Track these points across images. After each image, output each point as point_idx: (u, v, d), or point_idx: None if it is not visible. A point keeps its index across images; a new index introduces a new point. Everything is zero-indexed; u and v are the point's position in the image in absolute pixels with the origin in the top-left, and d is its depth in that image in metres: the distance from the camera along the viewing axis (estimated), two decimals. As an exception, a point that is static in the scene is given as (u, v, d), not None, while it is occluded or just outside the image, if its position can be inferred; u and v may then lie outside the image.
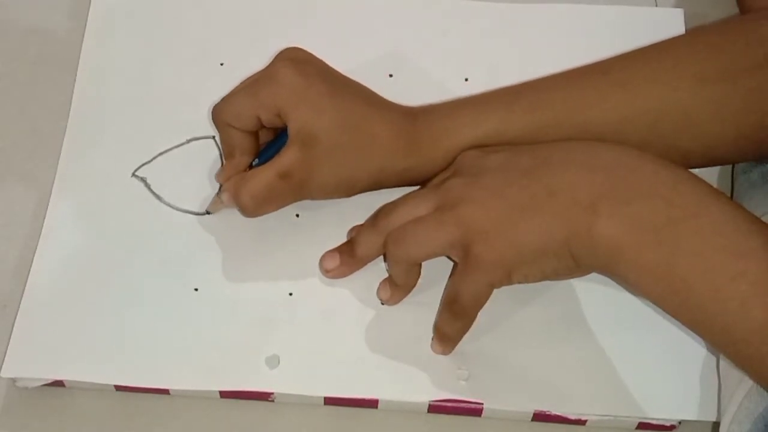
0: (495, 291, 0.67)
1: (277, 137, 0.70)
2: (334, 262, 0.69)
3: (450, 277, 0.67)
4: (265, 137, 0.71)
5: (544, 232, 0.61)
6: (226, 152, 0.70)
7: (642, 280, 0.59)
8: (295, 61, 0.68)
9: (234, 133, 0.69)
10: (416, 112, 0.70)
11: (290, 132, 0.67)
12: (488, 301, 0.68)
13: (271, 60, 0.69)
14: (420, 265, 0.67)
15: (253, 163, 0.70)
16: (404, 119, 0.69)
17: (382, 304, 0.69)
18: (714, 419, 0.65)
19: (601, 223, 0.59)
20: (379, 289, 0.69)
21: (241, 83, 0.69)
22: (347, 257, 0.69)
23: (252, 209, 0.68)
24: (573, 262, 0.61)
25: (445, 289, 0.67)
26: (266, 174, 0.67)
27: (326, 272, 0.69)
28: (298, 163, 0.67)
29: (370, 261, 0.69)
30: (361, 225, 0.69)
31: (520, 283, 0.63)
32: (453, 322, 0.65)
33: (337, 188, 0.69)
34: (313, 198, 0.70)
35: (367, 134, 0.68)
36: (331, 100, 0.67)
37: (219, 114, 0.69)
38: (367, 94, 0.70)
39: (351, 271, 0.69)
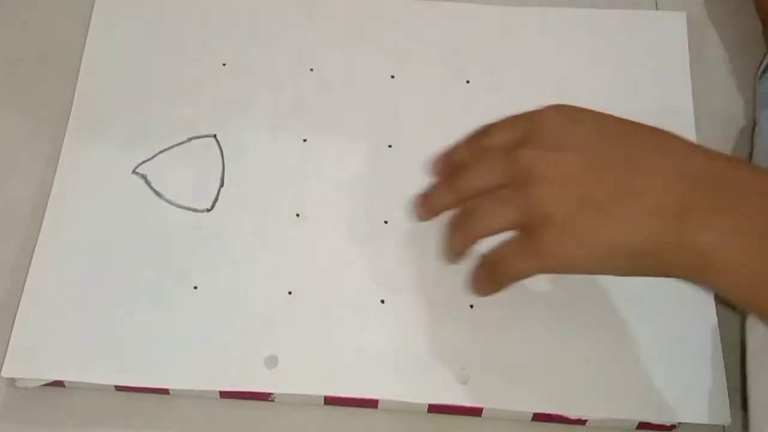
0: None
1: None
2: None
3: (503, 240, 0.62)
4: None
5: (620, 232, 0.58)
6: None
7: (735, 284, 0.57)
8: None
9: None
10: None
11: None
12: (489, 301, 0.68)
13: None
14: None
15: None
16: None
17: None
18: (721, 423, 0.65)
19: (690, 232, 0.56)
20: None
21: None
22: (420, 207, 0.67)
23: None
24: (645, 266, 0.58)
25: (492, 247, 0.63)
26: None
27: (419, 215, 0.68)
28: None
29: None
30: (438, 179, 0.66)
31: (571, 274, 0.61)
32: (486, 283, 0.63)
33: None
34: None
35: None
36: None
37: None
38: None
39: (428, 219, 0.67)
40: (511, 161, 0.61)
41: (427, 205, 0.67)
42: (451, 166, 0.66)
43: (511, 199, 0.60)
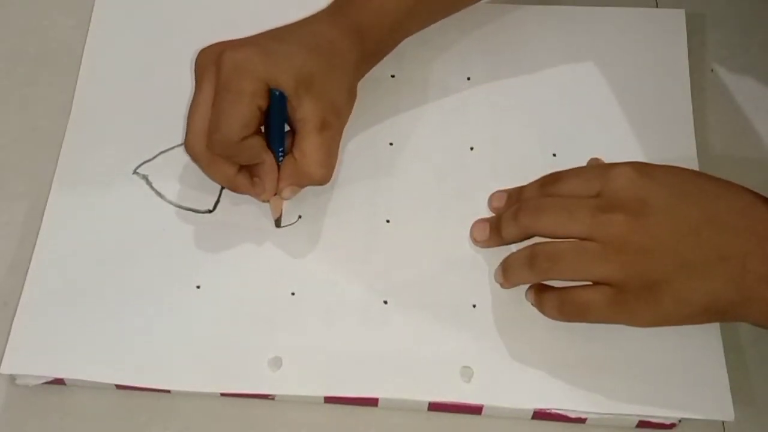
0: (496, 289, 0.69)
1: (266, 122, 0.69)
2: (482, 235, 0.70)
3: (584, 285, 0.65)
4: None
5: (712, 294, 0.62)
6: (255, 161, 0.69)
7: None
8: (228, 49, 0.67)
9: (251, 140, 0.68)
10: (334, 4, 0.73)
11: (289, 90, 0.67)
12: (489, 301, 0.68)
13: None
14: None
15: (280, 151, 0.69)
16: (332, 16, 0.72)
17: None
18: (725, 419, 0.65)
19: None
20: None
21: (196, 114, 0.68)
22: (494, 235, 0.69)
23: (328, 174, 0.69)
24: (731, 319, 0.65)
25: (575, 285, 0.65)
26: (312, 139, 0.67)
27: (474, 242, 0.70)
28: (320, 105, 0.67)
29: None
30: (508, 209, 0.68)
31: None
32: (554, 311, 0.66)
33: (350, 93, 0.71)
34: (346, 119, 0.71)
35: (325, 42, 0.69)
36: (284, 43, 0.68)
37: (225, 137, 0.66)
38: (288, 27, 0.71)
39: (496, 246, 0.70)
40: (600, 224, 0.63)
41: (493, 234, 0.69)
42: (516, 203, 0.69)
43: (608, 259, 0.63)
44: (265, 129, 0.69)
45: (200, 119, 0.67)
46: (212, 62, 0.67)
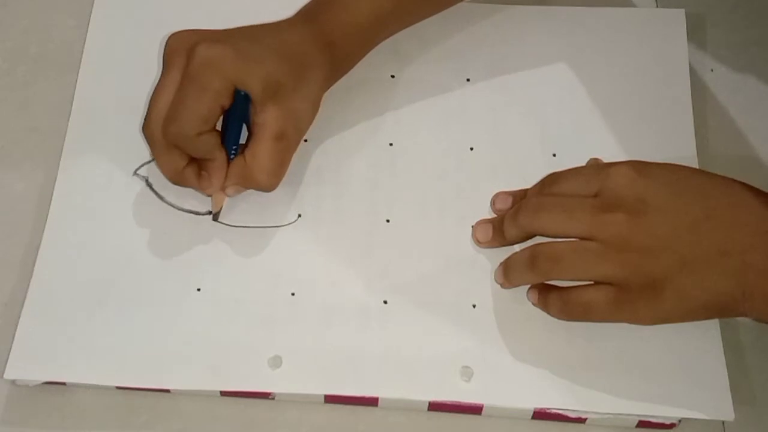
0: (497, 289, 0.69)
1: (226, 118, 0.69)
2: (485, 236, 0.70)
3: (586, 284, 0.65)
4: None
5: (713, 290, 0.62)
6: (207, 156, 0.69)
7: None
8: (202, 42, 0.67)
9: (207, 136, 0.68)
10: (308, 12, 0.73)
11: (256, 95, 0.67)
12: (490, 299, 0.68)
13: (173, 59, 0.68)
14: None
15: (233, 149, 0.69)
16: (306, 25, 0.71)
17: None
18: (725, 418, 0.65)
19: None
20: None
21: (159, 99, 0.68)
22: (497, 236, 0.69)
23: (275, 183, 0.69)
24: (732, 314, 0.64)
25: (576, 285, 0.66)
26: (266, 146, 0.68)
27: (477, 242, 0.70)
28: (282, 115, 0.68)
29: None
30: (511, 209, 0.69)
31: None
32: (558, 311, 0.66)
33: (314, 106, 0.71)
34: (304, 132, 0.71)
35: (298, 52, 0.69)
36: (258, 46, 0.68)
37: (182, 129, 0.67)
38: (263, 29, 0.71)
39: (499, 247, 0.70)
40: (600, 223, 0.63)
41: (496, 234, 0.69)
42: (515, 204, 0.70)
43: (608, 258, 0.63)
44: (222, 126, 0.69)
45: (164, 104, 0.67)
46: (184, 50, 0.67)
